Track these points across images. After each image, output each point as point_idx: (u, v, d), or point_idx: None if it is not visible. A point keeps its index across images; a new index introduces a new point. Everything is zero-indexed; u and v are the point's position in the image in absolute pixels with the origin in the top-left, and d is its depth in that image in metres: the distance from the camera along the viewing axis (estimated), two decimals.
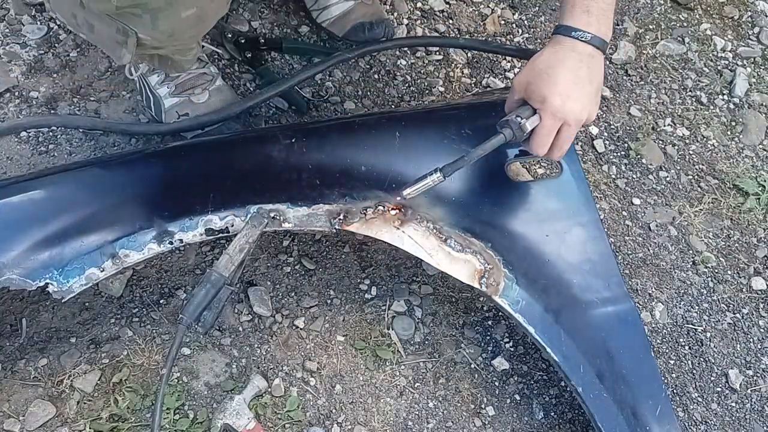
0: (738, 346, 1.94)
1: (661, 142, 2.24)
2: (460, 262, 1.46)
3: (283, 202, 1.47)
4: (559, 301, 1.48)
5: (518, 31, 2.36)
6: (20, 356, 1.59)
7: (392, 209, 1.45)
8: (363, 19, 2.07)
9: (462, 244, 1.46)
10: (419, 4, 2.33)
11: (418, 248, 1.44)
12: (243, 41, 2.01)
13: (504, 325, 1.82)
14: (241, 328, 1.71)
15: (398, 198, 1.43)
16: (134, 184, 1.47)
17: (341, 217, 1.48)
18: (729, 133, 2.33)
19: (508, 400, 1.75)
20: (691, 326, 1.94)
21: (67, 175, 1.47)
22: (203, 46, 1.89)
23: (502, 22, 2.37)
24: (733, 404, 1.85)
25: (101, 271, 1.36)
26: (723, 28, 2.54)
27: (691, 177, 2.20)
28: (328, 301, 1.78)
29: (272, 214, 1.45)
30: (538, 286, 1.47)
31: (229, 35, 2.00)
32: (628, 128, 2.25)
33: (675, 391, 1.83)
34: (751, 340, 1.95)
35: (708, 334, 1.94)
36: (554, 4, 2.44)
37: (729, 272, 2.05)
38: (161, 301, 1.70)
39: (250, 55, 2.00)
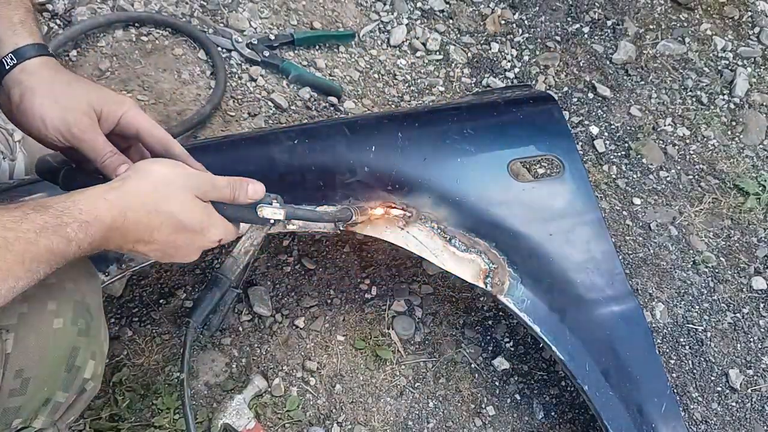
0: (738, 345, 1.94)
1: (661, 141, 2.24)
2: (465, 262, 1.45)
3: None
4: (564, 300, 1.47)
5: (518, 31, 2.36)
6: None
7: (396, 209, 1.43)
8: None
9: (467, 243, 1.45)
10: (419, 4, 2.33)
11: (423, 249, 1.43)
12: (255, 42, 2.09)
13: (504, 325, 1.82)
14: (241, 328, 1.70)
15: None
16: None
17: None
18: (729, 132, 2.33)
19: (509, 400, 1.74)
20: (691, 326, 1.94)
21: None
22: None
23: (503, 21, 2.37)
24: (734, 404, 1.85)
25: (105, 275, 1.35)
26: (723, 28, 2.54)
27: (691, 177, 2.20)
28: (328, 301, 1.78)
29: None
30: (543, 285, 1.46)
31: (240, 40, 2.08)
32: (628, 128, 2.25)
33: (675, 390, 1.83)
34: (752, 339, 1.95)
35: (708, 334, 1.93)
36: (554, 4, 2.43)
37: (729, 272, 2.05)
38: (161, 301, 1.69)
39: (267, 54, 2.09)
